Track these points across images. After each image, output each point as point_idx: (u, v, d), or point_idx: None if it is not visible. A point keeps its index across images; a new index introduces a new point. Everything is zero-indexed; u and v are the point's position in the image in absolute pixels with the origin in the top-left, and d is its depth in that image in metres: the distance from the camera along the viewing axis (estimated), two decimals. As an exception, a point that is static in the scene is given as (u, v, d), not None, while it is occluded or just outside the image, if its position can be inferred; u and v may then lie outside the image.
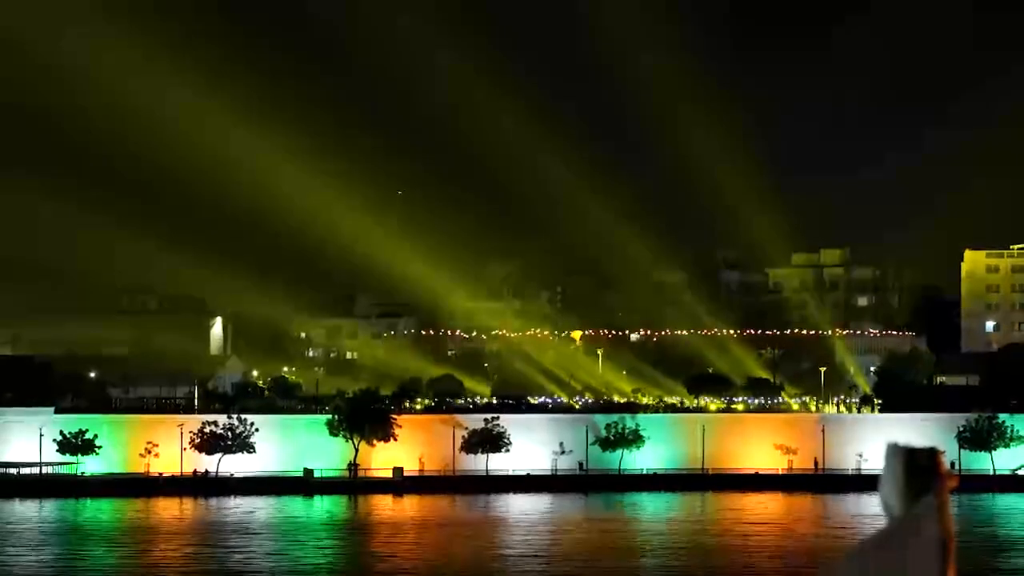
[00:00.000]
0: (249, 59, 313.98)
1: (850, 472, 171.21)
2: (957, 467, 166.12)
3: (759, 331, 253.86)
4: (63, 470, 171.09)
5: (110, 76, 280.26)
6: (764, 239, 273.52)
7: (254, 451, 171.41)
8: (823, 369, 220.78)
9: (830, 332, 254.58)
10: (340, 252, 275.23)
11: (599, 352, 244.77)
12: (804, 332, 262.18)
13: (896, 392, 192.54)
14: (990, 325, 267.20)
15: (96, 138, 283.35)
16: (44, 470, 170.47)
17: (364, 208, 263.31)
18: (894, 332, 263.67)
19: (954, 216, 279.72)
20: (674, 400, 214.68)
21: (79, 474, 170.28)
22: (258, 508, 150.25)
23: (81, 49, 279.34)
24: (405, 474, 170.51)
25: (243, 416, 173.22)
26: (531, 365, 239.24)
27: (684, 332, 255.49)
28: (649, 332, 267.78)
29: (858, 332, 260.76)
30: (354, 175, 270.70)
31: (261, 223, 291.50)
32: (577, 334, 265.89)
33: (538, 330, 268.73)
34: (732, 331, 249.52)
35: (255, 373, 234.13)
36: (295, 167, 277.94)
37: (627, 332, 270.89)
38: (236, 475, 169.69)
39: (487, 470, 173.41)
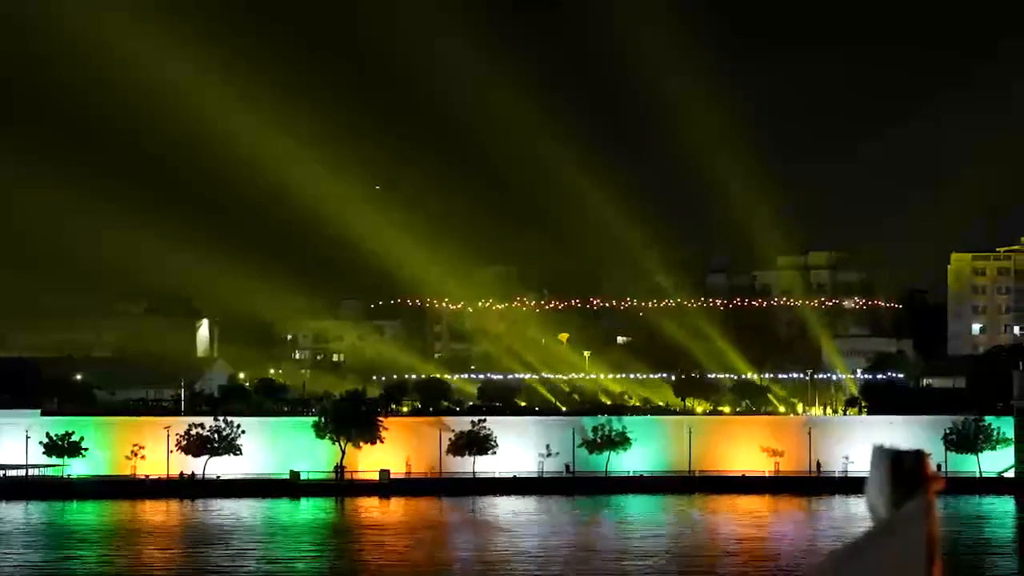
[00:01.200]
0: (241, 51, 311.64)
1: (837, 475, 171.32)
2: (943, 469, 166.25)
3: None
4: (49, 472, 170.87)
5: (108, 68, 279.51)
6: (753, 240, 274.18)
7: (240, 453, 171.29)
8: (810, 371, 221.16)
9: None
10: (329, 254, 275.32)
11: (586, 354, 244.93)
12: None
13: (883, 394, 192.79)
14: (976, 327, 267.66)
15: (92, 135, 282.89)
16: (30, 472, 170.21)
17: (355, 210, 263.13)
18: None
19: (945, 215, 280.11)
20: (661, 402, 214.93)
21: (65, 476, 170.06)
22: (244, 510, 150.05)
23: (80, 34, 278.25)
24: (392, 476, 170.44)
25: (230, 418, 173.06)
26: (519, 365, 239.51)
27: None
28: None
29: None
30: (347, 174, 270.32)
31: (251, 226, 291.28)
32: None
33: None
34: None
35: (242, 375, 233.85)
36: (287, 165, 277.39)
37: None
38: (222, 477, 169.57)
39: (474, 472, 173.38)
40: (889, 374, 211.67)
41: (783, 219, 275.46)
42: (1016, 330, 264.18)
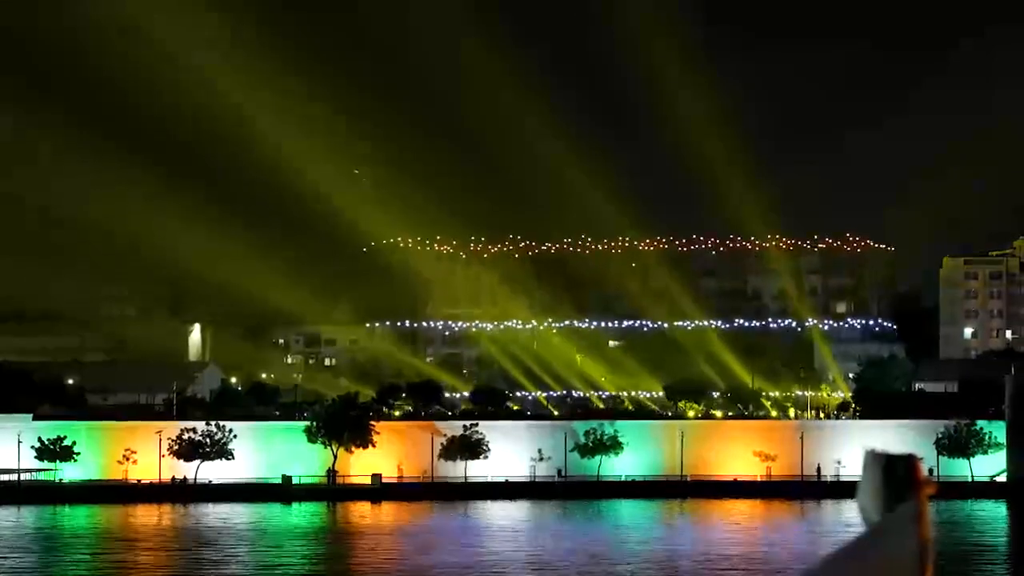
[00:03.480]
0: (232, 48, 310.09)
1: (829, 479, 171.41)
2: (935, 474, 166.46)
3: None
4: (42, 476, 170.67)
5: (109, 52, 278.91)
6: (747, 240, 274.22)
7: (232, 458, 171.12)
8: (802, 375, 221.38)
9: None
10: (322, 256, 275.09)
11: (578, 357, 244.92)
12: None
13: (874, 399, 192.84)
14: (968, 332, 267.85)
15: (87, 134, 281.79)
16: (22, 477, 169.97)
17: (351, 211, 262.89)
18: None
19: (935, 215, 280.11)
20: (653, 406, 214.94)
21: (58, 481, 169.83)
22: (236, 515, 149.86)
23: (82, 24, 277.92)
24: (384, 481, 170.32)
25: (221, 423, 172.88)
26: (511, 366, 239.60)
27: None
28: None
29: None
30: (340, 173, 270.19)
31: (244, 230, 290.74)
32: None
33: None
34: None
35: (234, 379, 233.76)
36: (280, 165, 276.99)
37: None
38: (214, 482, 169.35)
39: (466, 477, 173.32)
40: (881, 378, 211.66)
41: (776, 222, 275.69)
42: (1008, 334, 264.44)
